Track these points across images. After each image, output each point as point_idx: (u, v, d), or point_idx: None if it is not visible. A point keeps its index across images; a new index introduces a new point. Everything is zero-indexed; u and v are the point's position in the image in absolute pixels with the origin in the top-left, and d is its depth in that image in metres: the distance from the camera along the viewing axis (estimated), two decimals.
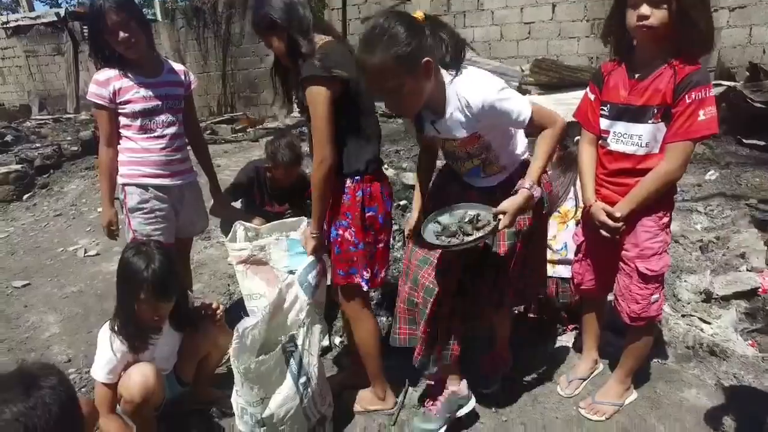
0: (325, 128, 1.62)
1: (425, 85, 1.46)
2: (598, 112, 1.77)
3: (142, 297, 1.67)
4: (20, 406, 1.02)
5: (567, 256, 2.35)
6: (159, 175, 2.30)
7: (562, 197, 2.39)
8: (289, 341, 1.79)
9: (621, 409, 1.94)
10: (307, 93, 1.61)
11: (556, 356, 2.34)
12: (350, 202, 1.77)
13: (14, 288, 3.29)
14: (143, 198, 2.28)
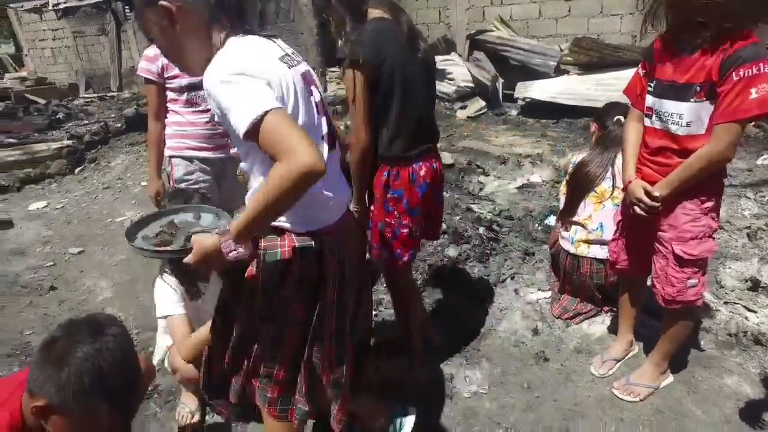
0: (360, 111, 1.58)
1: (173, 34, 1.15)
2: (646, 88, 1.71)
3: None
4: (89, 347, 1.10)
5: (602, 236, 2.31)
6: (203, 148, 2.37)
7: (600, 177, 2.34)
8: None
9: (656, 392, 1.92)
10: (344, 76, 1.60)
11: (590, 336, 2.32)
12: (376, 182, 1.76)
13: (71, 254, 3.48)
14: (188, 170, 2.37)
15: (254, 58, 1.10)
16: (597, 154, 2.38)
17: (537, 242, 3.06)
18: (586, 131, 5.63)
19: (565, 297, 2.50)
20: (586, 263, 2.34)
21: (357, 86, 1.55)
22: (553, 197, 3.64)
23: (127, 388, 1.17)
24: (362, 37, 1.57)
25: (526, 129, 5.83)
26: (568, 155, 4.56)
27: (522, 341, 2.31)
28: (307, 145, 0.97)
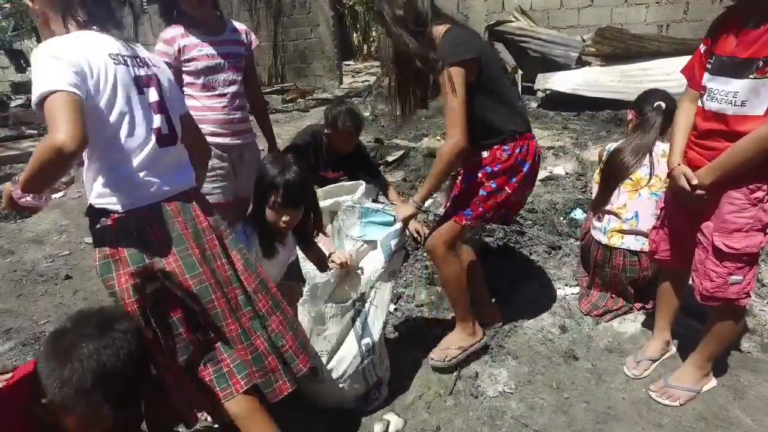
0: (460, 110, 1.62)
1: (34, 11, 1.35)
2: (705, 65, 1.57)
3: (272, 200, 1.73)
4: (95, 343, 1.03)
5: (637, 226, 2.17)
6: (220, 133, 2.28)
7: (636, 164, 2.20)
8: (359, 299, 1.76)
9: (697, 396, 1.79)
10: (442, 76, 1.62)
11: (622, 335, 2.19)
12: (507, 156, 1.78)
13: (87, 244, 3.44)
14: None
15: (75, 47, 1.23)
16: (634, 141, 2.24)
17: (562, 236, 2.92)
18: (609, 124, 5.46)
19: (594, 292, 2.37)
20: (619, 255, 2.20)
21: (458, 85, 1.60)
22: (578, 190, 3.50)
23: (132, 387, 1.09)
24: (456, 41, 1.65)
25: (547, 122, 5.66)
26: (592, 146, 4.40)
27: (549, 339, 2.18)
28: (69, 127, 1.07)
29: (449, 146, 1.67)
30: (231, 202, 2.38)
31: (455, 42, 1.65)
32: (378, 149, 4.49)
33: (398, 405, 1.90)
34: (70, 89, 1.13)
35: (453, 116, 1.63)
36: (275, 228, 1.79)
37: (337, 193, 2.51)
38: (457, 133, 1.64)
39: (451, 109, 1.62)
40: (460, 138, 1.64)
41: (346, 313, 1.75)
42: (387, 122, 5.93)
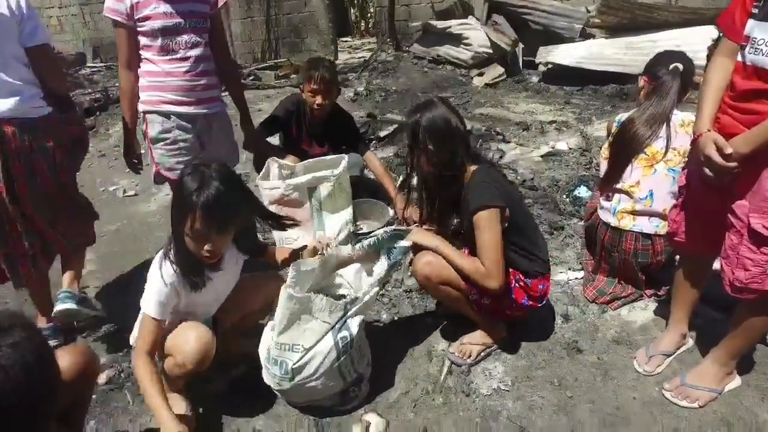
0: (498, 247, 1.58)
1: None
2: (749, 11, 1.29)
3: (188, 225, 1.38)
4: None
5: (651, 206, 1.91)
6: (182, 102, 2.01)
7: (651, 136, 1.93)
8: (352, 302, 1.57)
9: (719, 397, 1.56)
10: (478, 218, 1.58)
11: (630, 325, 1.95)
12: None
13: None
14: (165, 127, 2.02)
15: None
16: (648, 110, 1.96)
17: (565, 216, 2.67)
18: (614, 99, 5.15)
19: (600, 278, 2.13)
20: (630, 238, 1.95)
21: (495, 228, 1.58)
22: (582, 166, 3.23)
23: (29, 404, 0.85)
24: (489, 185, 1.62)
25: (548, 96, 5.35)
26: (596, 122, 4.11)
27: (550, 329, 1.95)
28: None
29: (483, 278, 1.60)
30: None
31: (492, 185, 1.62)
32: (370, 124, 4.20)
33: (381, 403, 1.68)
34: None
35: (490, 257, 1.59)
36: (198, 255, 1.45)
37: (316, 168, 2.25)
38: (495, 273, 1.58)
39: (487, 247, 1.59)
40: (497, 280, 1.59)
41: (335, 312, 1.53)
42: (382, 97, 5.63)
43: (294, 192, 2.08)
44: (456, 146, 1.64)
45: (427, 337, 1.95)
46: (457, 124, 1.65)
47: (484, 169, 1.69)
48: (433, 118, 1.61)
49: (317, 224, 2.13)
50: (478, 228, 1.59)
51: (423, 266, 1.68)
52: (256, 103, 6.00)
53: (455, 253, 1.66)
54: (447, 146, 1.63)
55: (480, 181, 1.63)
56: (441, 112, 1.63)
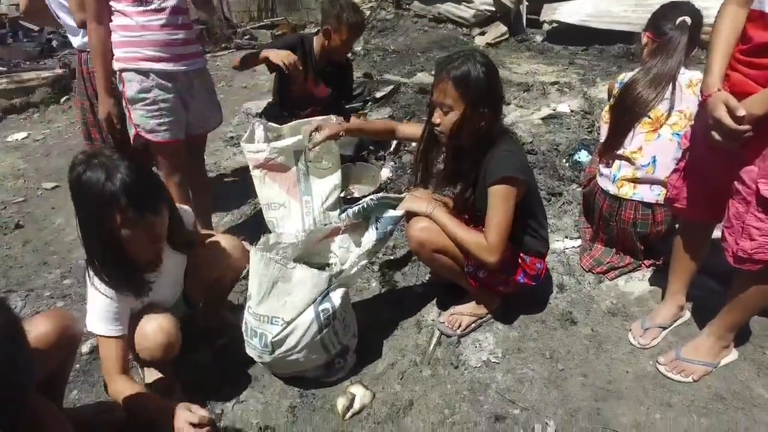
0: (507, 224, 1.48)
1: None
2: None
3: (120, 219, 1.18)
4: None
5: (654, 174, 1.79)
6: (160, 58, 1.85)
7: (655, 98, 1.78)
8: (337, 274, 1.46)
9: (714, 371, 1.49)
10: (497, 190, 1.46)
11: (627, 296, 1.86)
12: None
13: (45, 189, 3.09)
14: (144, 86, 1.86)
15: None
16: (652, 70, 1.80)
17: (564, 181, 2.54)
18: (620, 59, 4.91)
19: (597, 247, 2.03)
20: (630, 207, 1.84)
21: (510, 204, 1.48)
22: (584, 129, 3.07)
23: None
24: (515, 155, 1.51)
25: (552, 56, 5.10)
26: (601, 83, 3.90)
27: (544, 299, 1.87)
28: None
29: (482, 251, 1.50)
30: (181, 140, 1.99)
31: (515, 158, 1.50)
32: (366, 84, 4.01)
33: (367, 374, 1.62)
34: None
35: (498, 230, 1.48)
36: (142, 258, 1.29)
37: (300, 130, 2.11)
38: (496, 249, 1.48)
39: (497, 222, 1.48)
40: (496, 256, 1.49)
41: (317, 285, 1.43)
42: (380, 57, 5.38)
43: (279, 155, 1.96)
44: (495, 109, 1.50)
45: (417, 306, 1.88)
46: (499, 83, 1.50)
47: (508, 138, 1.56)
48: (478, 72, 1.42)
49: (304, 189, 2.02)
50: (494, 200, 1.47)
51: (417, 232, 1.57)
52: None
53: (453, 222, 1.55)
54: (486, 107, 1.46)
55: (506, 150, 1.49)
56: (485, 67, 1.43)
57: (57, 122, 4.20)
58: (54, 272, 2.28)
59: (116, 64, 1.87)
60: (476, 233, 1.52)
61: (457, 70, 1.42)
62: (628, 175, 1.83)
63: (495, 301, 1.76)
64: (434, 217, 1.55)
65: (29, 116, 4.37)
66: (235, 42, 6.76)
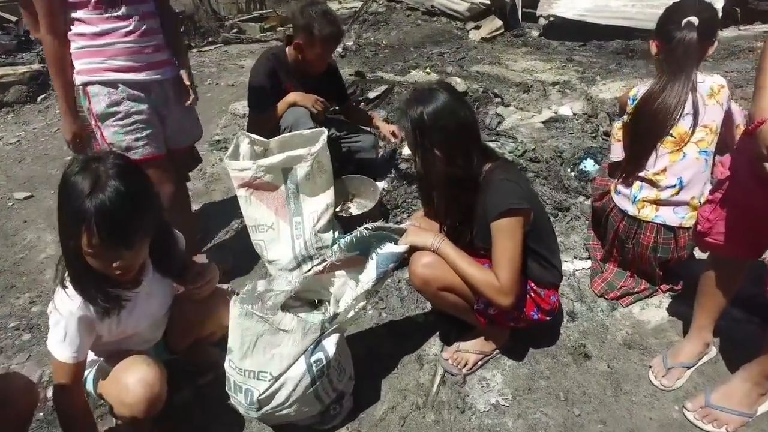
0: (519, 259, 1.32)
1: None
2: None
3: (85, 241, 1.03)
4: None
5: (679, 195, 1.62)
6: (130, 68, 1.64)
7: (676, 112, 1.60)
8: (330, 319, 1.28)
9: (751, 422, 1.33)
10: (501, 224, 1.30)
11: (644, 325, 1.71)
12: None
13: (16, 200, 2.85)
14: (113, 99, 1.65)
15: None
16: (666, 82, 1.61)
17: (570, 193, 2.37)
18: (619, 56, 4.72)
19: (609, 268, 1.87)
20: (650, 230, 1.67)
21: (517, 237, 1.31)
22: (588, 135, 2.89)
23: None
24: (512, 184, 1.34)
25: (549, 53, 4.90)
26: (601, 82, 3.72)
27: (554, 329, 1.70)
28: None
29: (495, 293, 1.32)
30: (163, 154, 1.79)
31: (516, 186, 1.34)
32: (358, 84, 3.79)
33: (366, 420, 1.45)
34: None
35: (510, 266, 1.31)
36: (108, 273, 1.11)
37: (292, 144, 1.91)
38: (510, 290, 1.31)
39: (509, 259, 1.31)
40: (510, 298, 1.32)
41: (309, 333, 1.25)
42: (372, 52, 5.14)
43: (266, 174, 1.76)
44: (468, 144, 1.34)
45: (417, 338, 1.70)
46: (466, 115, 1.33)
47: (502, 165, 1.40)
48: (437, 112, 1.29)
49: (294, 209, 1.83)
50: (498, 235, 1.31)
51: (422, 269, 1.40)
52: (239, 58, 5.49)
53: (462, 257, 1.37)
54: (457, 145, 1.32)
55: (501, 180, 1.33)
56: (445, 104, 1.30)
57: (33, 124, 3.92)
58: (22, 297, 2.07)
59: (78, 77, 1.64)
60: (488, 272, 1.34)
61: (415, 116, 1.31)
62: (651, 197, 1.66)
63: (503, 336, 1.60)
64: (441, 252, 1.37)
65: (2, 116, 4.09)
66: (222, 36, 6.45)
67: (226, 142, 3.38)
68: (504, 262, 1.31)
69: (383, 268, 1.33)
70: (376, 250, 1.35)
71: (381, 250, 1.34)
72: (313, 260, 1.86)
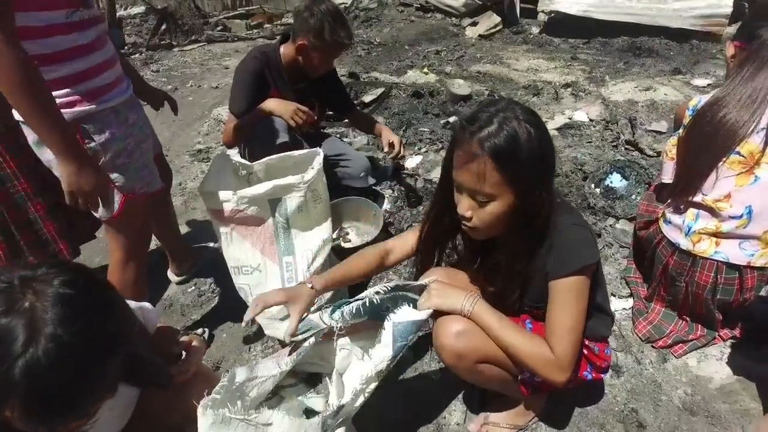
0: (581, 327, 1.03)
1: None
2: None
3: (10, 416, 0.66)
4: None
5: (747, 228, 1.33)
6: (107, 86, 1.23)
7: (746, 126, 1.31)
8: (334, 414, 0.96)
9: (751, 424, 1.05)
10: (567, 284, 1.01)
11: (706, 383, 1.42)
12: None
13: None
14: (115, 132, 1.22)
15: None
16: (739, 88, 1.33)
17: (598, 214, 2.07)
18: (626, 54, 4.43)
19: (655, 308, 1.58)
20: (708, 268, 1.38)
21: (583, 300, 1.02)
22: (608, 144, 2.60)
23: None
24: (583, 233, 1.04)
25: (552, 51, 4.60)
26: (611, 82, 3.42)
27: (598, 387, 1.41)
28: None
29: (549, 368, 1.02)
30: None
31: (581, 237, 1.03)
32: (352, 86, 3.46)
33: None
34: None
35: (571, 335, 1.01)
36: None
37: (282, 167, 1.59)
38: (568, 365, 1.01)
39: (569, 328, 1.02)
40: (567, 374, 1.02)
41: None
42: (365, 51, 4.80)
43: (250, 206, 1.43)
44: (551, 186, 1.00)
45: (435, 402, 1.40)
46: (552, 147, 0.98)
47: (561, 202, 1.07)
48: (528, 140, 0.91)
49: (284, 247, 1.51)
50: (560, 297, 1.02)
51: (453, 341, 1.06)
52: (224, 58, 5.11)
53: (503, 323, 1.05)
54: (543, 189, 0.96)
55: (570, 226, 1.02)
56: (534, 129, 0.93)
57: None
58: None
59: (68, 111, 1.15)
60: (538, 341, 1.03)
61: (499, 140, 0.90)
62: (710, 229, 1.36)
63: (542, 401, 1.30)
64: (476, 317, 1.06)
65: None
66: (206, 34, 6.05)
67: (208, 152, 3.04)
68: (563, 330, 1.01)
69: (402, 342, 1.02)
70: (390, 315, 1.04)
71: (397, 317, 1.03)
72: None
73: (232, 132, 1.86)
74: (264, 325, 1.60)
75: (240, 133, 1.85)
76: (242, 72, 1.88)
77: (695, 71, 3.74)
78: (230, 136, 1.87)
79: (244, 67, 1.89)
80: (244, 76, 1.87)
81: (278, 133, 1.75)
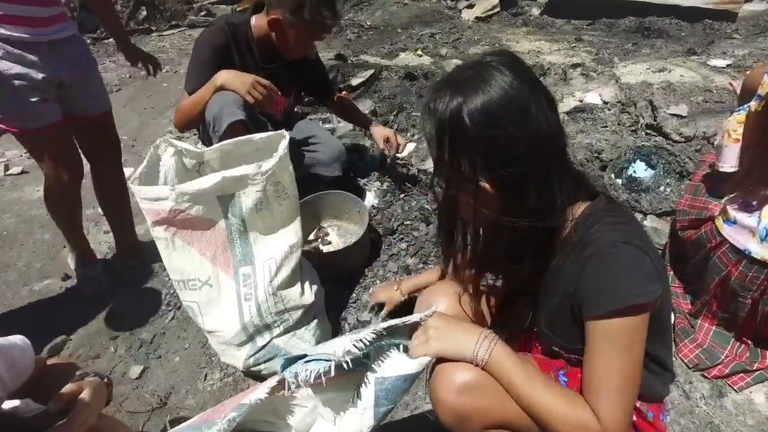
0: (636, 385, 0.70)
1: None
2: None
3: None
4: None
5: None
6: (11, 19, 1.06)
7: None
8: None
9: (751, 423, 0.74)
10: (613, 327, 0.69)
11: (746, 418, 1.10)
12: None
13: None
14: None
15: None
16: None
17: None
18: (634, 34, 4.08)
19: (704, 326, 1.26)
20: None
21: (637, 347, 0.70)
22: (626, 128, 2.26)
23: None
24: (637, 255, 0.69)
25: (554, 33, 4.25)
26: (620, 64, 3.08)
27: None
28: None
29: None
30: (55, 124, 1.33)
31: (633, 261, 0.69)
32: (339, 68, 3.10)
33: None
34: None
35: (621, 400, 0.69)
36: None
37: (238, 155, 1.25)
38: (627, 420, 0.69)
39: (617, 387, 0.69)
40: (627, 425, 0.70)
41: None
42: (355, 34, 4.44)
43: (193, 204, 1.10)
44: (548, 168, 0.70)
45: None
46: (547, 118, 0.69)
47: (608, 208, 0.76)
48: (492, 107, 0.66)
49: (241, 255, 1.17)
50: (604, 344, 0.70)
51: (454, 396, 0.74)
52: None
53: (530, 373, 0.73)
54: (530, 171, 0.69)
55: (616, 245, 0.69)
56: (507, 94, 0.66)
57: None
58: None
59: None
60: (580, 404, 0.71)
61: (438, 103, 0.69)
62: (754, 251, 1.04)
63: None
64: (493, 367, 0.73)
65: None
66: (188, 19, 5.64)
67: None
68: (610, 389, 0.68)
69: (388, 406, 0.69)
70: (372, 367, 0.71)
71: (382, 371, 0.70)
72: (272, 330, 1.20)
73: (182, 113, 1.51)
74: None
75: (188, 113, 1.51)
76: (203, 45, 1.55)
77: (711, 51, 3.40)
78: (180, 117, 1.53)
79: (205, 39, 1.55)
80: (204, 50, 1.54)
81: (231, 114, 1.40)
